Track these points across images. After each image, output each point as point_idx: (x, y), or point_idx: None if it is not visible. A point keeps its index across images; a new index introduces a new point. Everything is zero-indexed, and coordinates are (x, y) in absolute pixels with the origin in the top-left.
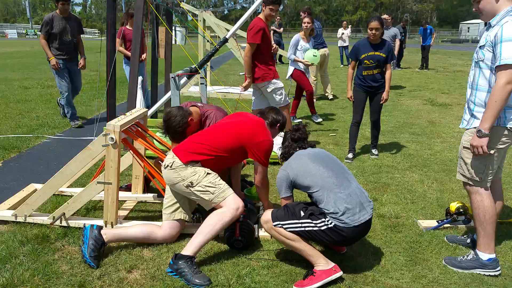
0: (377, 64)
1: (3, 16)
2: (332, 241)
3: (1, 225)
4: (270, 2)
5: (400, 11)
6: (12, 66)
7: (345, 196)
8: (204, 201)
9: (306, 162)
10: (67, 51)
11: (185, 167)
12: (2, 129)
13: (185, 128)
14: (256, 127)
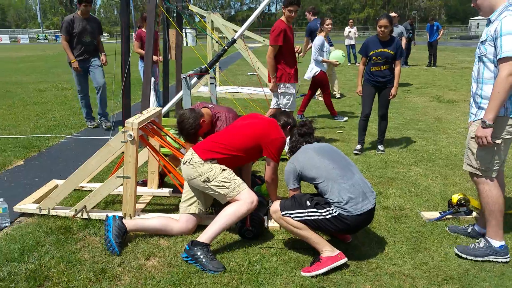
0: (385, 60)
1: (15, 22)
2: (336, 229)
3: (27, 217)
4: (288, 3)
5: (408, 8)
6: (25, 70)
7: (348, 187)
8: (220, 195)
9: (312, 155)
10: (87, 52)
11: (202, 163)
12: (22, 129)
13: (198, 130)
14: (270, 126)
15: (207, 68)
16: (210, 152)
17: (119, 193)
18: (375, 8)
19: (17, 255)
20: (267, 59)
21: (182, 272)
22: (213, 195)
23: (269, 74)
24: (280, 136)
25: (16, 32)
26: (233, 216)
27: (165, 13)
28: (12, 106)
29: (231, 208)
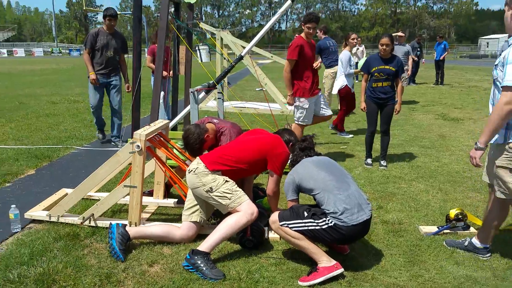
0: (387, 77)
1: (30, 36)
2: (332, 239)
3: (37, 224)
4: (307, 20)
5: (417, 27)
6: (39, 83)
7: (344, 198)
8: (221, 206)
9: (310, 167)
10: (107, 67)
11: (207, 173)
12: (34, 140)
13: (202, 144)
14: (275, 141)
15: (214, 84)
16: (216, 163)
17: (125, 203)
18: (385, 26)
19: (27, 259)
20: (284, 74)
21: (183, 279)
22: (215, 205)
23: (287, 88)
24: (284, 150)
25: (31, 45)
26: (233, 226)
27: (175, 30)
28: (26, 117)
29: (232, 218)
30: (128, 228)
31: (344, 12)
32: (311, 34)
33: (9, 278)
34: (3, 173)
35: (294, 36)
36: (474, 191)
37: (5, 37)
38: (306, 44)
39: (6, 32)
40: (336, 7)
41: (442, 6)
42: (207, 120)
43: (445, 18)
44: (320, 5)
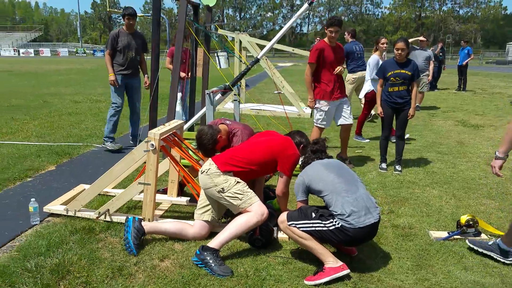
0: (403, 81)
1: (56, 36)
2: (339, 240)
3: (55, 217)
4: (329, 24)
5: (442, 31)
6: (64, 82)
7: (352, 200)
8: (233, 206)
9: (320, 169)
10: (128, 67)
11: (219, 174)
12: (56, 137)
13: (215, 145)
14: (286, 143)
15: (230, 86)
16: (228, 164)
17: (140, 199)
18: (409, 30)
19: (44, 250)
20: (305, 77)
21: (192, 274)
22: (226, 205)
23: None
24: (295, 152)
25: (56, 46)
26: (243, 225)
27: (193, 33)
28: (49, 115)
29: (242, 218)
30: (144, 223)
31: (367, 16)
32: (334, 38)
33: (27, 267)
34: (25, 168)
35: (315, 39)
36: (488, 198)
37: (33, 37)
38: (327, 48)
39: (33, 32)
40: (359, 11)
41: (468, 10)
42: (219, 122)
43: (471, 22)
44: (343, 8)
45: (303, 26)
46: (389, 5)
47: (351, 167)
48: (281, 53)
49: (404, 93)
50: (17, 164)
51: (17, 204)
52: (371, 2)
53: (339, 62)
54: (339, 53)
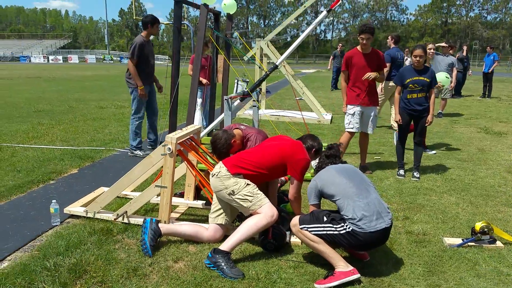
0: (421, 88)
1: (84, 43)
2: (350, 245)
3: (74, 219)
4: (360, 32)
5: (469, 38)
6: (90, 88)
7: (363, 205)
8: (243, 208)
9: (333, 174)
10: (151, 75)
11: (229, 177)
12: (79, 142)
13: (229, 149)
14: (296, 147)
15: (249, 92)
16: (238, 167)
17: (157, 202)
18: (434, 36)
19: (63, 250)
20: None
21: (204, 275)
22: (237, 207)
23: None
24: (304, 157)
25: (84, 52)
26: (253, 227)
27: (213, 41)
28: (74, 120)
29: (252, 220)
30: (161, 225)
31: (392, 22)
32: (365, 45)
33: (46, 266)
34: (49, 171)
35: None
36: (507, 206)
37: (62, 44)
38: (357, 55)
39: (62, 39)
40: (384, 17)
41: (496, 16)
42: (234, 126)
43: (499, 28)
44: (368, 15)
45: (327, 33)
46: (414, 11)
47: (369, 174)
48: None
49: (422, 100)
50: (41, 167)
51: (40, 205)
52: (396, 8)
53: (373, 69)
54: (373, 59)
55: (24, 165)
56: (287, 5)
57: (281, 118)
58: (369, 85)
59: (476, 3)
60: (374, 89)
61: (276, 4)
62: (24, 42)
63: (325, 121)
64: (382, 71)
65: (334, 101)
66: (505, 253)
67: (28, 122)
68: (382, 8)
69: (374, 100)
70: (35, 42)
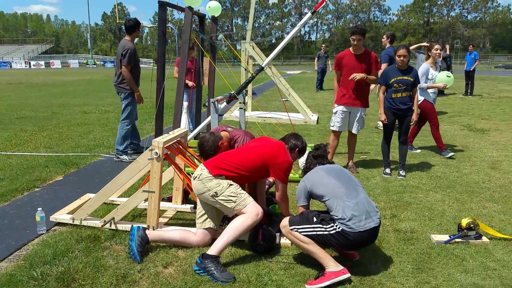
0: (406, 87)
1: (67, 48)
2: (340, 244)
3: (61, 226)
4: (351, 32)
5: (450, 37)
6: (73, 93)
7: (353, 205)
8: (227, 209)
9: (321, 174)
10: (139, 79)
11: (211, 178)
12: (64, 148)
13: (217, 151)
14: (277, 149)
15: (235, 94)
16: (219, 168)
17: (145, 207)
18: (417, 36)
19: (50, 259)
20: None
21: (195, 280)
22: (221, 208)
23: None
24: (286, 159)
25: (67, 57)
26: (239, 228)
27: (199, 44)
28: (57, 126)
29: (238, 221)
30: (148, 232)
31: (375, 23)
32: (356, 46)
33: (33, 276)
34: (33, 179)
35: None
36: (491, 201)
37: (44, 50)
38: (348, 56)
39: (44, 44)
40: (367, 18)
41: (476, 15)
42: (221, 129)
43: (479, 27)
44: (351, 16)
45: (312, 34)
46: (397, 12)
47: (355, 172)
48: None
49: (406, 99)
50: (25, 175)
51: (25, 214)
52: (379, 9)
53: (362, 70)
54: (363, 61)
55: (7, 173)
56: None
57: (268, 120)
58: (356, 86)
59: (456, 2)
60: (362, 90)
61: (260, 6)
62: (5, 47)
63: (311, 122)
64: (375, 72)
65: (319, 102)
66: (491, 248)
67: (11, 129)
68: (365, 9)
69: (362, 101)
70: (16, 47)
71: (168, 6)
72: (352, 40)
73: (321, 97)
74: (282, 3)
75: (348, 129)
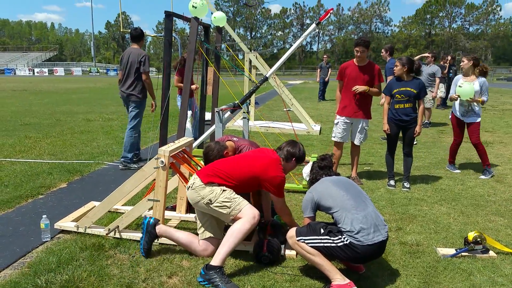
0: (408, 98)
1: (70, 55)
2: (347, 257)
3: (65, 234)
4: (354, 44)
5: (452, 48)
6: (77, 101)
7: (361, 217)
8: (224, 215)
9: (329, 186)
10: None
11: (203, 187)
12: (67, 155)
13: None
14: (269, 164)
15: (239, 104)
16: (211, 176)
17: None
18: (419, 47)
19: (54, 267)
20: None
21: None
22: (218, 216)
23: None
24: (277, 175)
25: (70, 65)
26: (238, 234)
27: (204, 54)
28: (61, 134)
29: (235, 226)
30: (158, 227)
31: (377, 34)
32: (359, 57)
33: (37, 283)
34: (37, 186)
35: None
36: (497, 215)
37: (47, 57)
38: (351, 66)
39: (48, 52)
40: (368, 29)
41: (478, 27)
42: (227, 138)
43: (481, 39)
44: (353, 27)
45: (313, 45)
46: (398, 23)
47: (359, 184)
48: (291, 71)
49: (409, 111)
50: (29, 182)
51: (29, 221)
52: (380, 20)
53: (364, 82)
54: (367, 72)
55: (11, 179)
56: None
57: (271, 129)
58: (359, 97)
59: (458, 15)
60: (364, 101)
61: (262, 16)
62: (9, 54)
63: (314, 132)
64: (377, 84)
65: (322, 112)
66: (499, 262)
67: (15, 136)
68: (367, 20)
69: (363, 112)
70: (20, 54)
71: (174, 16)
72: (356, 52)
73: (323, 107)
74: (284, 13)
75: (351, 140)
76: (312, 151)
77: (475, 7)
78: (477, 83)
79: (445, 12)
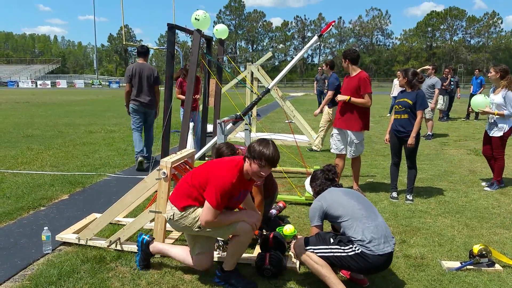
0: (404, 109)
1: (73, 68)
2: (358, 267)
3: (66, 246)
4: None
5: (454, 61)
6: (79, 113)
7: (373, 227)
8: (220, 235)
9: (339, 195)
10: None
11: (185, 216)
12: (69, 167)
13: (234, 151)
14: (223, 163)
15: (241, 116)
16: (186, 198)
17: (151, 228)
18: (420, 60)
19: (55, 279)
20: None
21: None
22: (212, 235)
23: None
24: (225, 174)
25: (73, 77)
26: (243, 248)
27: (206, 65)
28: (63, 145)
29: (239, 239)
30: (152, 246)
31: (378, 46)
32: (346, 68)
33: None
34: (39, 198)
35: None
36: (502, 227)
37: (50, 70)
38: (345, 78)
39: (51, 64)
40: (370, 41)
41: (479, 40)
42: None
43: (483, 52)
44: (354, 40)
45: (314, 57)
46: (400, 36)
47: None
48: (292, 83)
49: (405, 122)
50: (31, 193)
51: (30, 232)
52: (381, 33)
53: (348, 92)
54: (350, 83)
55: (13, 191)
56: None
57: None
58: (344, 108)
59: (459, 27)
60: (349, 112)
61: (264, 29)
62: (12, 67)
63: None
64: (363, 94)
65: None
66: (505, 276)
67: (17, 147)
68: (368, 33)
69: (347, 124)
70: (23, 67)
71: (177, 29)
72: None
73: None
74: (285, 26)
75: (344, 152)
76: (314, 163)
77: (476, 20)
78: (499, 95)
79: (446, 25)
